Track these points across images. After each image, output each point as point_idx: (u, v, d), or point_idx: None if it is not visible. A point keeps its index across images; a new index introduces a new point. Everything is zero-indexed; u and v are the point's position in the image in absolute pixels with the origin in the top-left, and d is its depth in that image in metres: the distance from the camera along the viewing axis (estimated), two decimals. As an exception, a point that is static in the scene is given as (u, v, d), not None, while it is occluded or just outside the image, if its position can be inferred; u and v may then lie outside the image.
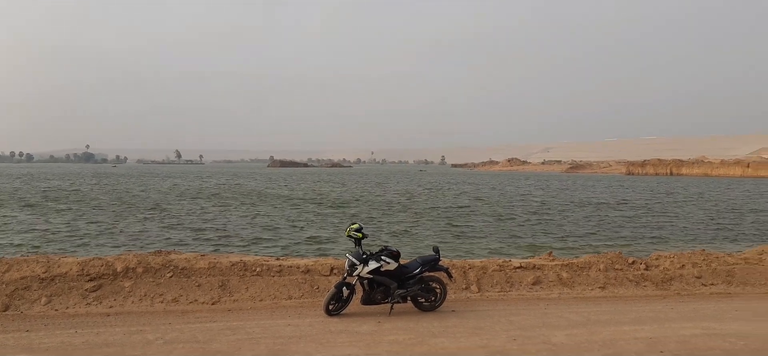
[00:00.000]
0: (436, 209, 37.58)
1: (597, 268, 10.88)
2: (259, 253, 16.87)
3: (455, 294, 9.69)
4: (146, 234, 23.12)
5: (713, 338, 7.41)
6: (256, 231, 24.49)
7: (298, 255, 16.68)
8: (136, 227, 25.68)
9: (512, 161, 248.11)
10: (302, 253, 18.17)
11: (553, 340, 7.29)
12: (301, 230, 24.93)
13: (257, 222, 28.11)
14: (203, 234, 23.19)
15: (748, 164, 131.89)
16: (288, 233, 23.85)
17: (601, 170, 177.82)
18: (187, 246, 19.56)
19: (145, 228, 25.16)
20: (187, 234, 23.22)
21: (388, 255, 8.45)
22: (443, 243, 20.88)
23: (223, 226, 26.18)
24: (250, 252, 17.48)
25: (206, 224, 27.06)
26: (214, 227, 25.56)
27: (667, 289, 10.53)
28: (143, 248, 18.10)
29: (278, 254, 16.07)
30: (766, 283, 10.91)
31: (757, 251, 12.37)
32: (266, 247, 19.89)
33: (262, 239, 22.16)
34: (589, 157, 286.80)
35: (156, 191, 54.53)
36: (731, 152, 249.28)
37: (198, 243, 20.62)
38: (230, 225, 26.52)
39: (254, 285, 9.45)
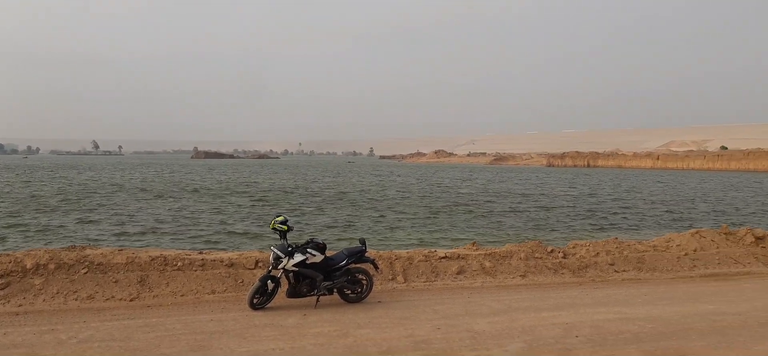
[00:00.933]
0: (365, 200, 37.70)
1: (518, 257, 11.22)
2: (182, 247, 16.43)
3: (382, 285, 9.76)
4: (61, 230, 22.01)
5: (624, 322, 7.80)
6: (179, 225, 23.79)
7: (223, 249, 16.35)
8: (49, 222, 24.38)
9: (439, 153, 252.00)
10: (227, 246, 17.81)
11: (476, 328, 7.47)
12: (226, 223, 24.42)
13: (181, 215, 27.31)
14: (122, 229, 22.31)
15: (658, 157, 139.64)
16: (212, 227, 23.30)
17: (524, 161, 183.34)
18: (105, 242, 18.76)
19: (60, 223, 23.93)
20: (105, 229, 22.28)
21: (314, 247, 8.40)
22: (371, 234, 21.00)
23: (144, 220, 25.27)
24: (171, 246, 16.97)
25: (126, 218, 26.03)
26: (135, 222, 24.64)
27: (583, 276, 11.00)
28: (54, 244, 17.22)
29: (202, 248, 15.68)
30: (672, 269, 11.59)
31: (665, 239, 13.11)
32: (189, 241, 19.37)
33: (185, 232, 21.55)
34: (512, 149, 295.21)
35: (73, 184, 51.93)
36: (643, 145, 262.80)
37: (116, 238, 19.82)
38: (152, 219, 25.64)
39: (175, 279, 9.18)
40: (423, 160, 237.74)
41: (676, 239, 12.92)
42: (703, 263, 11.89)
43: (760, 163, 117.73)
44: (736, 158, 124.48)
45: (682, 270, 11.57)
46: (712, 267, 11.77)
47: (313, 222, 25.33)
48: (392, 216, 28.20)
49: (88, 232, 21.50)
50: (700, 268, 11.68)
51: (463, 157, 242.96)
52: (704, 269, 11.66)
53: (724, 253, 12.30)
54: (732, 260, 12.10)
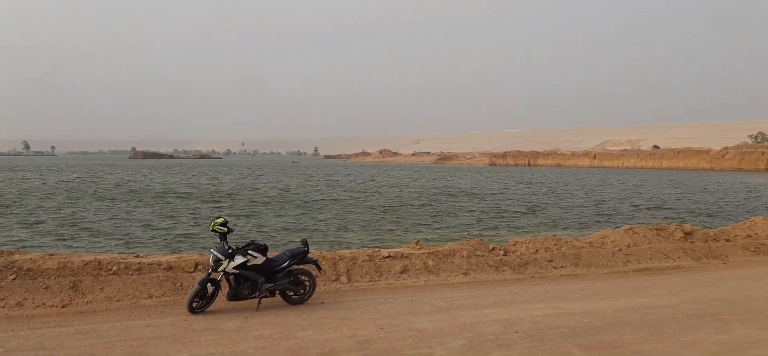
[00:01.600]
0: (309, 201, 37.46)
1: (460, 255, 11.37)
2: (118, 251, 15.90)
3: (325, 286, 9.70)
4: None
5: (562, 317, 8.01)
6: (114, 228, 23.02)
7: (161, 252, 15.91)
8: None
9: (384, 153, 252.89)
10: (165, 250, 17.35)
11: (418, 326, 7.52)
12: (165, 226, 23.79)
13: (117, 218, 26.45)
14: (56, 233, 21.42)
15: (595, 156, 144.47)
16: (150, 229, 22.66)
17: (467, 160, 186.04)
18: (36, 247, 17.96)
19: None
20: (36, 233, 21.33)
21: (255, 249, 8.27)
22: (316, 235, 20.87)
23: (78, 223, 24.34)
24: (107, 250, 16.41)
25: (59, 221, 25.01)
26: (68, 225, 23.69)
27: (523, 273, 11.24)
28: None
29: (139, 252, 15.21)
30: (607, 264, 11.99)
31: (600, 236, 13.55)
32: (126, 245, 18.77)
33: (121, 236, 20.87)
34: (456, 148, 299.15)
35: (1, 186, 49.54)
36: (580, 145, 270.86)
37: (48, 243, 19.01)
38: (87, 222, 24.72)
39: (110, 284, 8.86)
40: (368, 159, 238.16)
41: (610, 236, 13.36)
42: (636, 258, 12.34)
43: (689, 161, 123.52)
44: (667, 157, 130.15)
45: (617, 265, 11.98)
46: (644, 261, 12.23)
47: (255, 224, 24.97)
48: (337, 216, 28.12)
49: (18, 237, 20.53)
50: (633, 263, 12.12)
51: (408, 156, 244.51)
52: (637, 264, 12.11)
53: (655, 248, 12.80)
54: (663, 255, 12.61)
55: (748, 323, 7.77)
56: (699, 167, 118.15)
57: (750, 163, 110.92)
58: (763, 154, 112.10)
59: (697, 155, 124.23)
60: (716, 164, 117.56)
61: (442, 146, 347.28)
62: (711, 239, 13.83)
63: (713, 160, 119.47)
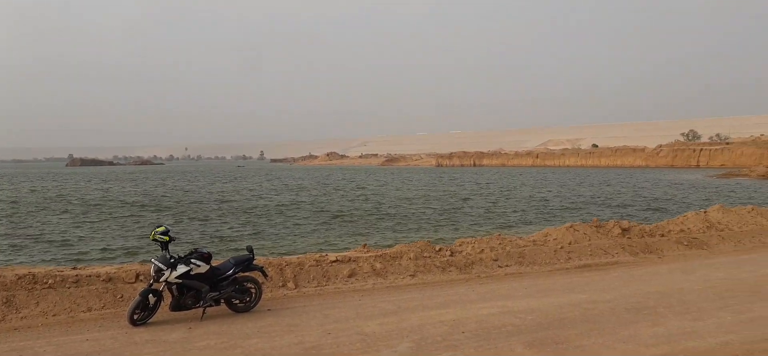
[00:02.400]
0: (256, 207, 36.96)
1: (408, 257, 11.43)
2: (54, 263, 15.28)
3: (272, 293, 9.58)
4: None
5: (507, 315, 8.16)
6: (49, 240, 22.11)
7: (100, 263, 15.37)
8: None
9: (331, 155, 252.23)
10: (104, 260, 16.78)
11: (366, 330, 7.52)
12: (103, 236, 23.03)
13: (53, 230, 25.42)
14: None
15: (537, 155, 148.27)
16: (89, 240, 21.88)
17: (414, 162, 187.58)
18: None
19: None
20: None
21: (198, 258, 8.09)
22: (260, 242, 20.60)
23: (9, 236, 23.27)
24: (42, 263, 15.75)
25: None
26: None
27: (470, 273, 11.38)
28: None
29: (77, 263, 14.66)
30: (550, 261, 12.27)
31: (543, 234, 13.87)
32: (62, 256, 18.06)
33: (58, 248, 20.06)
34: (403, 150, 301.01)
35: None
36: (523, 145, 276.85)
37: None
38: (19, 234, 23.66)
39: (46, 298, 8.50)
40: (315, 162, 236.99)
41: (553, 234, 13.70)
42: (577, 255, 12.68)
43: (626, 159, 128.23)
44: (605, 155, 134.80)
45: (559, 262, 12.28)
46: (585, 258, 12.58)
47: (200, 231, 24.47)
48: (285, 222, 27.83)
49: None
50: (574, 260, 12.44)
51: (355, 158, 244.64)
52: (578, 260, 12.44)
53: (595, 245, 13.20)
54: (602, 252, 13.00)
55: (681, 315, 8.10)
56: (635, 165, 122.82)
57: (682, 160, 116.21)
58: (694, 151, 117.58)
59: (633, 154, 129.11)
60: (651, 161, 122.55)
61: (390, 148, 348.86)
62: (647, 235, 14.35)
63: (649, 157, 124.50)
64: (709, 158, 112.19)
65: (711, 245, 14.16)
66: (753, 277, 10.59)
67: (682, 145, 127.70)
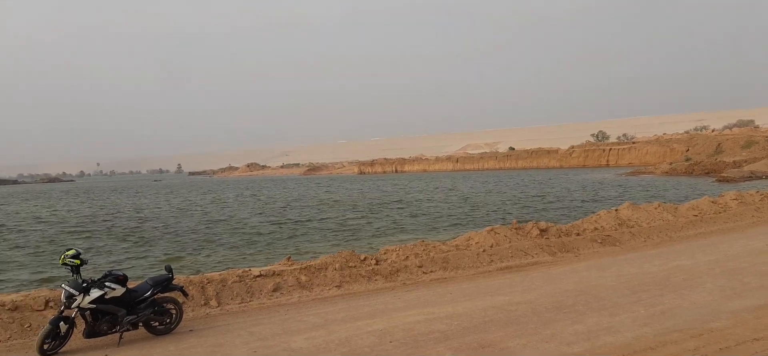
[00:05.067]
0: (176, 223, 35.73)
1: (333, 268, 11.34)
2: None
3: (194, 312, 9.26)
4: None
5: (433, 322, 8.24)
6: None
7: (4, 291, 14.37)
8: None
9: (252, 166, 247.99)
10: (10, 288, 15.70)
11: (293, 346, 7.40)
12: (6, 262, 21.58)
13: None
14: None
15: (457, 159, 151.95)
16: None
17: (337, 170, 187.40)
18: None
19: None
20: None
21: (113, 280, 7.70)
22: (179, 261, 19.88)
23: None
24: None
25: None
26: None
27: (395, 280, 11.43)
28: None
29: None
30: (473, 265, 12.52)
31: (466, 238, 14.14)
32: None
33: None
34: (324, 159, 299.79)
35: None
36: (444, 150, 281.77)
37: None
38: None
39: (-57, 333, 7.85)
40: (235, 174, 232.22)
41: (475, 238, 13.99)
42: (499, 257, 13.01)
43: (541, 160, 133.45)
44: (522, 157, 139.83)
45: (482, 265, 12.55)
46: (506, 260, 12.92)
47: (115, 253, 23.37)
48: (205, 238, 27.05)
49: None
50: (496, 262, 12.76)
51: (276, 169, 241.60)
52: (500, 262, 12.76)
53: (515, 247, 13.59)
54: (522, 253, 13.40)
55: (599, 311, 8.46)
56: (550, 166, 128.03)
57: (593, 160, 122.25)
58: (604, 151, 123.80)
59: (548, 155, 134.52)
60: (565, 162, 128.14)
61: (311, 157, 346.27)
62: (563, 235, 14.92)
63: (562, 158, 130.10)
64: (617, 157, 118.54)
65: (623, 242, 14.90)
66: (662, 270, 11.22)
67: (592, 146, 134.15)
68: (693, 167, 70.54)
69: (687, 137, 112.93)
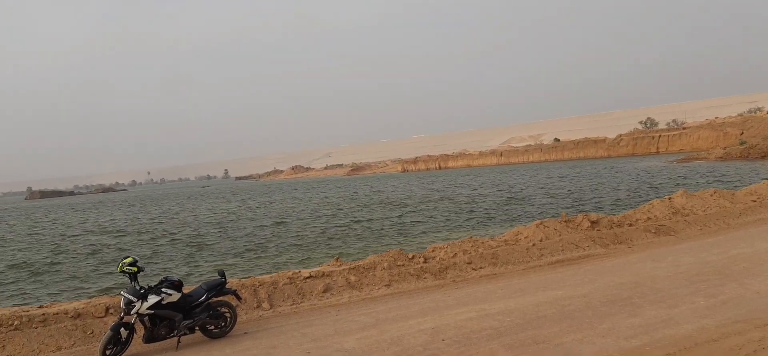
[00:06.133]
0: (224, 229, 36.46)
1: (381, 267, 11.37)
2: (17, 304, 14.78)
3: (247, 315, 9.42)
4: None
5: (485, 318, 8.16)
6: (9, 280, 21.39)
7: (67, 299, 14.92)
8: None
9: (296, 169, 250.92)
10: (73, 296, 16.29)
11: (346, 346, 7.43)
12: (68, 272, 22.38)
13: (11, 269, 24.62)
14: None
15: (501, 153, 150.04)
16: (53, 277, 21.22)
17: (380, 169, 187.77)
18: None
19: None
20: None
21: (169, 286, 7.89)
22: (231, 265, 20.27)
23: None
24: (4, 305, 15.22)
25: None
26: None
27: (444, 278, 11.37)
28: None
29: (42, 302, 14.21)
30: (523, 260, 12.36)
31: (514, 233, 13.96)
32: (24, 296, 17.48)
33: (17, 287, 19.41)
34: (367, 158, 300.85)
35: None
36: (487, 144, 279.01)
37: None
38: None
39: (13, 341, 8.19)
40: (281, 177, 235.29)
41: (524, 232, 13.80)
42: (549, 251, 12.80)
43: (588, 151, 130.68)
44: (568, 148, 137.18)
45: (532, 260, 12.37)
46: (557, 254, 12.71)
47: (170, 259, 23.99)
48: (254, 242, 27.49)
49: None
50: (547, 256, 12.56)
51: (320, 170, 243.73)
52: (550, 257, 12.55)
53: (566, 240, 13.34)
54: (573, 246, 13.15)
55: (656, 303, 8.22)
56: (597, 156, 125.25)
57: (643, 147, 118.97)
58: (653, 138, 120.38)
59: (595, 145, 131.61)
60: (613, 151, 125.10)
61: (354, 157, 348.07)
62: (615, 226, 14.58)
63: (610, 148, 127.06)
64: (668, 144, 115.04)
65: (678, 231, 14.46)
66: (721, 259, 10.84)
67: (640, 133, 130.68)
68: (749, 151, 67.83)
69: (741, 120, 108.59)
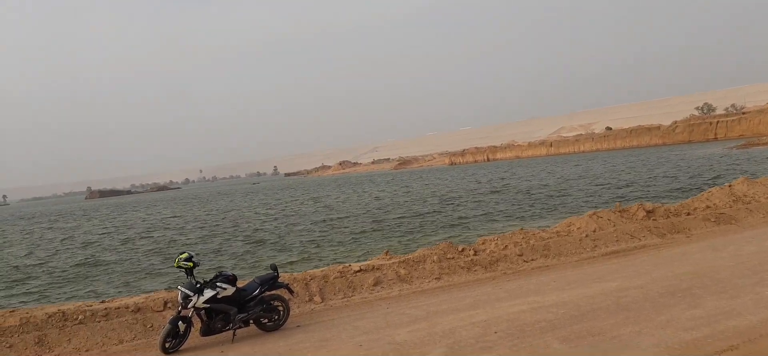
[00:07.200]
0: (275, 226, 37.04)
1: (431, 260, 11.34)
2: (80, 299, 15.38)
3: (299, 308, 9.55)
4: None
5: (538, 311, 8.04)
6: (75, 275, 22.27)
7: (127, 294, 15.44)
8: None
9: (344, 164, 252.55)
10: (132, 292, 16.85)
11: (397, 339, 7.44)
12: (127, 268, 23.16)
13: (74, 265, 25.63)
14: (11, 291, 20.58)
15: (551, 144, 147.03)
16: (114, 273, 22.00)
17: (427, 163, 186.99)
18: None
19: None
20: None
21: (223, 281, 8.08)
22: (284, 259, 20.56)
23: (34, 276, 23.48)
24: (71, 300, 15.87)
25: (13, 275, 24.09)
26: (23, 279, 22.83)
27: (495, 270, 11.27)
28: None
29: (104, 297, 14.76)
30: (576, 252, 12.12)
31: (566, 224, 13.70)
32: (87, 292, 18.17)
33: (83, 283, 20.20)
34: (414, 152, 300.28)
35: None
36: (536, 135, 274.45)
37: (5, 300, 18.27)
38: (40, 273, 23.86)
39: (78, 334, 8.54)
40: (328, 173, 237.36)
41: (576, 223, 13.53)
42: (603, 242, 12.51)
43: (642, 139, 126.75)
44: (620, 137, 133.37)
45: (585, 251, 12.12)
46: (611, 245, 12.41)
47: (221, 255, 24.53)
48: (304, 236, 27.83)
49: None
50: (600, 248, 12.27)
51: (367, 165, 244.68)
52: (604, 248, 12.27)
53: (620, 230, 13.01)
54: (628, 236, 12.82)
55: (717, 294, 7.93)
56: (652, 144, 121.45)
57: (699, 134, 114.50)
58: (711, 124, 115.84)
59: (648, 133, 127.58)
60: (668, 138, 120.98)
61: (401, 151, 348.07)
62: (672, 215, 14.14)
63: (665, 135, 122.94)
64: (726, 129, 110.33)
65: (739, 219, 13.92)
66: (786, 249, 10.38)
67: (697, 119, 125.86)
68: (814, 135, 64.59)
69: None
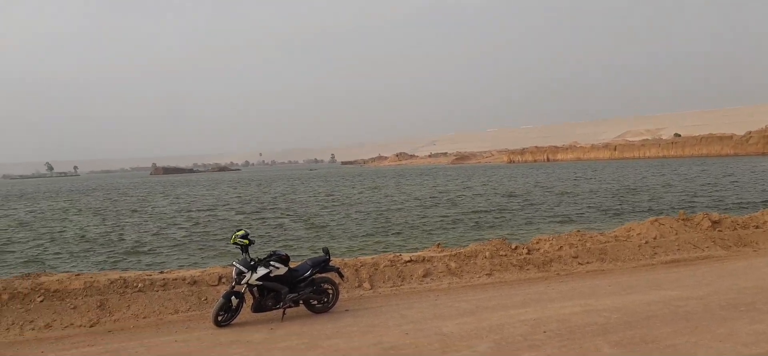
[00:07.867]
0: (329, 211, 37.50)
1: (483, 256, 11.25)
2: (142, 268, 16.01)
3: (348, 293, 9.66)
4: (12, 257, 21.20)
5: (590, 314, 7.86)
6: (139, 245, 23.19)
7: (185, 267, 15.98)
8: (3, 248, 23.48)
9: (401, 156, 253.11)
10: (190, 264, 17.43)
11: (444, 330, 7.43)
12: (187, 241, 23.93)
13: (138, 235, 26.67)
14: (77, 254, 21.62)
15: (615, 147, 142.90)
16: (174, 245, 22.79)
17: (485, 159, 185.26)
18: (60, 267, 18.15)
19: (10, 249, 23.06)
20: (59, 254, 21.56)
21: (277, 260, 8.25)
22: (337, 245, 20.81)
23: (102, 242, 24.58)
24: (131, 268, 16.54)
25: (81, 242, 25.28)
26: (90, 245, 23.93)
27: (548, 270, 11.09)
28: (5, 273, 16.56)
29: (165, 267, 15.31)
30: (633, 258, 11.78)
31: (625, 229, 13.33)
32: (152, 261, 18.89)
33: (146, 253, 21.02)
34: (472, 147, 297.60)
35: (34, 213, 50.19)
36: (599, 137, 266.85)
37: (73, 263, 19.21)
38: (108, 241, 24.95)
39: (136, 301, 8.91)
40: (385, 163, 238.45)
41: (636, 229, 13.14)
42: (664, 250, 12.12)
43: (712, 148, 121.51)
44: (689, 144, 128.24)
45: (644, 258, 11.77)
46: (672, 253, 12.00)
47: (276, 234, 25.03)
48: (357, 223, 28.07)
49: (43, 258, 20.77)
50: (660, 255, 11.90)
51: (424, 158, 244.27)
52: (665, 256, 11.88)
53: (683, 239, 12.56)
54: (691, 246, 12.37)
55: (783, 311, 7.57)
56: (723, 154, 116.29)
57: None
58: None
59: (720, 141, 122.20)
60: (741, 149, 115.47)
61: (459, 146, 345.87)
62: (740, 227, 13.54)
63: (737, 145, 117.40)
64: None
65: (812, 237, 13.20)
66: None
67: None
68: None
69: None
